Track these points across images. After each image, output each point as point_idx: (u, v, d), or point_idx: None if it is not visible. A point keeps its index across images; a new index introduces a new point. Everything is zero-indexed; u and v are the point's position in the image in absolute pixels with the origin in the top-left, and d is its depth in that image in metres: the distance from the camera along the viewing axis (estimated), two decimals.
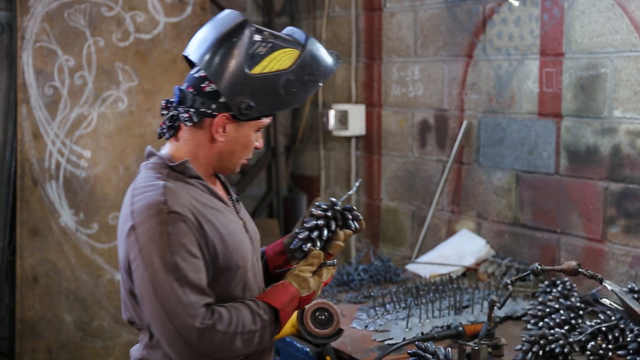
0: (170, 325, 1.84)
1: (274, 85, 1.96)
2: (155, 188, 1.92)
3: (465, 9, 3.78)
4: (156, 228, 1.86)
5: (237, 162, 2.06)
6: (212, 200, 2.00)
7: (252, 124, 2.01)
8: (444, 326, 2.87)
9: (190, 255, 1.87)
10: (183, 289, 1.84)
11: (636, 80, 3.07)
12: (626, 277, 3.15)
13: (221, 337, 1.86)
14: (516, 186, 3.61)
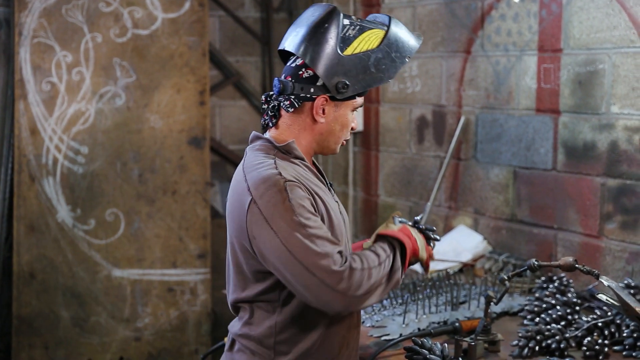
0: (314, 277, 1.95)
1: (365, 64, 2.10)
2: (267, 164, 2.07)
3: (464, 5, 3.79)
4: (277, 197, 1.99)
5: (337, 141, 2.20)
6: (315, 180, 2.15)
7: (348, 103, 2.15)
8: (441, 322, 2.87)
9: (312, 215, 2.00)
10: (315, 242, 1.96)
11: (634, 76, 3.08)
12: (622, 272, 3.15)
13: (359, 274, 1.97)
14: (513, 182, 3.61)
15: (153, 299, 4.15)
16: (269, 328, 2.10)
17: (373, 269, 2.00)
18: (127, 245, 4.12)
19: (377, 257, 2.04)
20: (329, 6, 2.15)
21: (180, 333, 4.20)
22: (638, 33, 3.05)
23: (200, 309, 4.20)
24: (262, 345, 2.11)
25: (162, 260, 4.14)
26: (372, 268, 2.00)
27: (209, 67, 4.21)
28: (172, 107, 4.14)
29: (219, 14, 4.82)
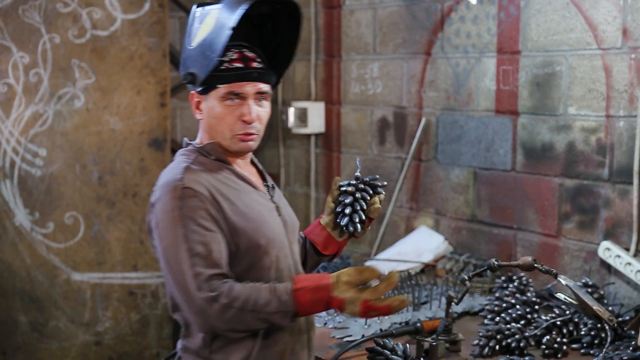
0: (183, 294, 1.96)
1: (204, 49, 2.08)
2: (178, 168, 2.07)
3: (424, 7, 3.81)
4: (169, 204, 1.99)
5: (224, 137, 2.12)
6: (236, 182, 2.11)
7: (212, 94, 2.11)
8: (403, 322, 2.88)
9: (202, 229, 1.97)
10: (191, 259, 1.94)
11: (590, 78, 3.13)
12: (580, 271, 3.20)
13: (227, 310, 1.92)
14: (474, 183, 3.65)
15: (114, 303, 4.10)
16: (202, 339, 2.07)
17: (250, 312, 1.93)
18: (86, 249, 4.07)
19: (267, 305, 1.94)
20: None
21: (142, 337, 4.16)
22: (594, 35, 3.10)
23: (162, 313, 4.17)
24: (199, 356, 2.09)
25: (122, 264, 4.10)
26: (250, 311, 1.93)
27: (169, 69, 4.18)
28: (132, 108, 4.10)
29: (179, 15, 4.79)
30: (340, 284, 1.96)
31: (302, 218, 4.64)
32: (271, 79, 2.17)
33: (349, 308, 1.96)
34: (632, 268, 2.98)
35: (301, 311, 1.98)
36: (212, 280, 1.94)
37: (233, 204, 2.05)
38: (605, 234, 3.12)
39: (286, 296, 1.96)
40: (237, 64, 2.09)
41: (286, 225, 2.20)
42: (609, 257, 3.06)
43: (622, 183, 3.05)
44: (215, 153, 2.13)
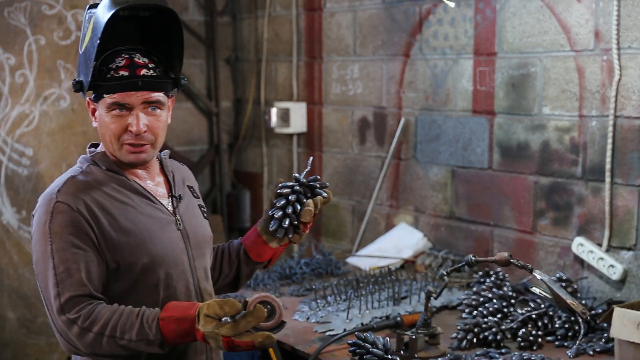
0: (49, 312, 1.89)
1: (85, 56, 1.94)
2: (61, 179, 1.94)
3: (403, 10, 3.83)
4: (42, 218, 1.89)
5: (113, 147, 1.97)
6: (125, 194, 1.96)
7: (100, 103, 1.94)
8: (383, 317, 2.90)
9: (70, 246, 1.85)
10: (55, 278, 1.84)
11: (564, 79, 3.16)
12: (555, 266, 3.23)
13: (87, 334, 1.82)
14: (452, 181, 3.67)
15: None
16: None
17: (112, 337, 1.81)
18: None
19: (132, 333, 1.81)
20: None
21: None
22: (567, 38, 3.13)
23: None
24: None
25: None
26: (112, 337, 1.81)
27: None
28: None
29: None
30: (201, 317, 1.80)
31: None
32: (164, 86, 1.99)
33: (211, 342, 1.81)
34: (605, 263, 3.01)
35: (170, 340, 1.82)
36: (74, 301, 1.82)
37: (114, 219, 1.90)
38: (579, 230, 3.15)
39: (151, 324, 1.82)
40: (122, 72, 1.92)
41: (187, 239, 2.03)
42: (582, 252, 3.09)
43: (594, 181, 3.08)
44: (106, 163, 1.98)
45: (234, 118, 5.04)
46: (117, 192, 1.95)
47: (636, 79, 2.91)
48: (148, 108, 1.96)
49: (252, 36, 4.81)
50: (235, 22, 4.95)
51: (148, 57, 1.97)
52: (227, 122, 5.01)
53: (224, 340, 1.79)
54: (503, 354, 2.56)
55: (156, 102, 1.97)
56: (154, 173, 2.07)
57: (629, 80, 2.94)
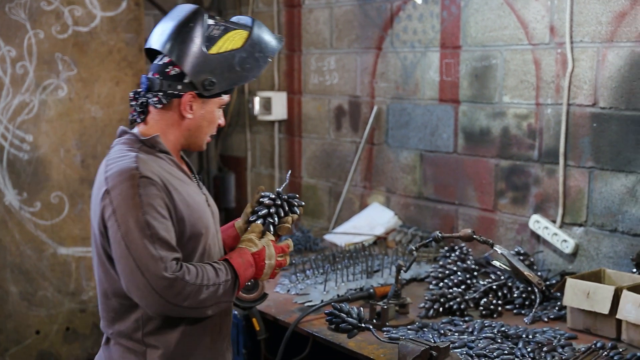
0: (143, 278, 1.84)
1: (230, 62, 1.99)
2: (128, 157, 1.93)
3: (375, 6, 3.81)
4: (129, 191, 1.87)
5: (204, 138, 2.07)
6: (179, 174, 2.01)
7: (214, 100, 2.03)
8: (357, 289, 2.90)
9: (159, 216, 1.87)
10: (154, 244, 1.84)
11: (522, 70, 3.16)
12: (513, 241, 3.25)
13: (189, 287, 1.86)
14: (420, 164, 3.67)
15: None
16: (135, 322, 1.96)
17: (207, 286, 1.89)
18: (71, 225, 4.02)
19: (216, 277, 1.93)
20: (194, 6, 2.03)
21: None
22: (525, 32, 3.13)
23: None
24: (131, 339, 1.97)
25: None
26: (206, 286, 1.89)
27: (145, 62, 4.13)
28: (112, 98, 4.04)
29: (154, 12, 4.72)
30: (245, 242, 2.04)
31: None
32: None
33: (268, 254, 2.03)
34: (558, 238, 3.03)
35: (240, 275, 1.97)
36: (173, 263, 1.86)
37: (180, 194, 1.95)
38: (535, 208, 3.16)
39: (223, 265, 1.96)
40: None
41: (213, 215, 2.11)
42: (538, 228, 3.11)
43: (549, 163, 3.10)
44: (159, 146, 2.00)
45: None
46: (173, 171, 1.99)
47: (587, 70, 2.92)
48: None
49: None
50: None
51: None
52: None
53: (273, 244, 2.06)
54: (466, 322, 2.57)
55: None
56: (180, 158, 2.14)
57: (581, 71, 2.94)
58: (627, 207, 2.83)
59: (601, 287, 2.45)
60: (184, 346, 1.99)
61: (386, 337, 2.41)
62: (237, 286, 1.97)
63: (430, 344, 2.04)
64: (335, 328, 2.50)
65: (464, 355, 2.23)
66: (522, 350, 2.28)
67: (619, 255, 2.86)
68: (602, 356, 2.27)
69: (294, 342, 2.63)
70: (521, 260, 2.83)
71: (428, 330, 2.47)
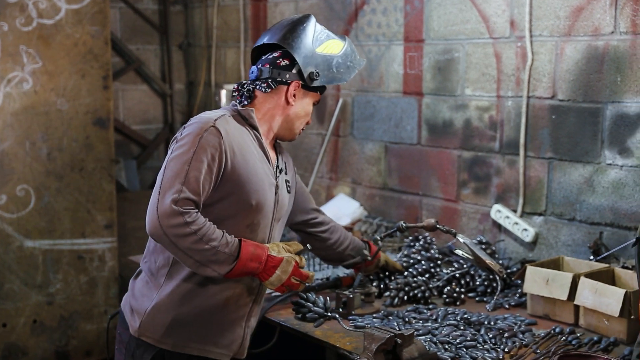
0: (157, 196, 1.98)
1: (330, 63, 2.23)
2: (216, 113, 2.13)
3: (340, 0, 3.80)
4: (196, 131, 2.04)
5: (298, 127, 2.28)
6: (256, 148, 2.16)
7: (312, 94, 2.26)
8: (324, 278, 2.90)
9: (206, 162, 2.01)
10: (183, 179, 1.97)
11: (483, 63, 3.18)
12: (476, 231, 3.28)
13: (187, 229, 1.95)
14: (385, 155, 3.68)
15: (64, 267, 4.01)
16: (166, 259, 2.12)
17: (203, 241, 1.98)
18: (37, 218, 3.96)
19: (219, 242, 2.01)
20: (305, 14, 2.29)
21: (90, 296, 4.09)
22: (486, 26, 3.15)
23: (108, 274, 4.10)
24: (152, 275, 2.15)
25: (71, 231, 4.00)
26: (203, 240, 1.98)
27: (111, 55, 4.07)
28: (78, 91, 3.98)
29: (119, 5, 4.66)
30: (275, 246, 2.13)
31: None
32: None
33: (284, 266, 2.09)
34: (519, 227, 3.07)
35: (242, 258, 2.03)
36: (189, 201, 1.97)
37: (245, 161, 2.09)
38: (497, 198, 3.20)
39: (233, 240, 2.03)
40: None
41: (277, 204, 2.22)
42: (500, 217, 3.14)
43: (510, 154, 3.13)
44: (251, 119, 2.18)
45: (186, 99, 4.97)
46: (251, 142, 2.15)
47: (546, 64, 2.95)
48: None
49: (203, 24, 4.73)
50: (187, 10, 4.86)
51: None
52: (180, 103, 4.93)
53: (295, 264, 2.12)
54: (430, 310, 2.59)
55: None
56: (272, 145, 2.30)
57: (540, 64, 2.98)
58: (584, 197, 2.88)
59: (560, 274, 2.49)
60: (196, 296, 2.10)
61: (352, 325, 2.42)
62: (233, 265, 2.02)
63: (395, 332, 2.05)
64: (302, 317, 2.50)
65: (428, 342, 2.25)
66: (484, 336, 2.31)
67: (577, 243, 2.91)
68: (560, 341, 2.30)
69: (261, 331, 2.63)
70: (483, 249, 2.86)
71: (393, 319, 2.49)
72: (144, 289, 2.16)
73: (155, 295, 2.12)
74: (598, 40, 2.77)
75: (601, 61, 2.77)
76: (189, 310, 2.11)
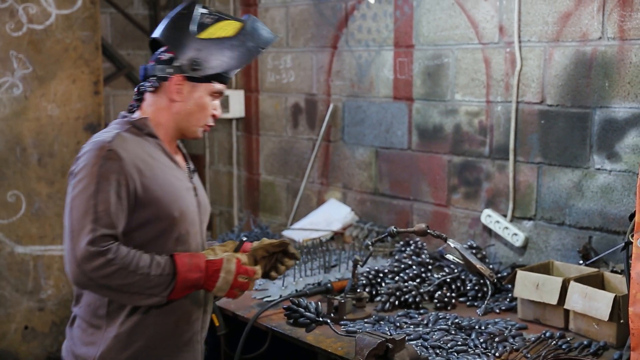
0: (70, 242, 1.86)
1: (220, 48, 2.04)
2: (110, 133, 1.97)
3: (330, 6, 3.81)
4: (92, 160, 1.90)
5: (196, 124, 2.08)
6: (161, 157, 2.03)
7: (204, 86, 2.05)
8: (315, 283, 2.90)
9: (112, 190, 1.88)
10: (92, 215, 1.85)
11: (472, 68, 3.19)
12: (466, 235, 3.28)
13: (111, 266, 1.84)
14: (375, 160, 3.68)
15: (55, 272, 3.99)
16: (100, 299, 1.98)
17: (132, 272, 1.86)
18: (28, 224, 3.93)
19: (149, 267, 1.89)
20: (191, 1, 2.12)
21: None
22: (475, 32, 3.16)
23: None
24: (94, 316, 2.00)
25: (62, 237, 3.98)
26: (131, 271, 1.86)
27: (102, 60, 4.05)
28: (68, 96, 3.96)
29: (110, 11, 4.65)
30: (210, 251, 2.02)
31: (226, 193, 4.61)
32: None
33: (227, 266, 1.96)
34: (509, 231, 3.08)
35: (180, 272, 1.91)
36: (105, 238, 1.86)
37: (154, 175, 1.96)
38: (487, 203, 3.20)
39: (165, 259, 1.92)
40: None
41: (200, 206, 2.11)
42: (490, 222, 3.15)
43: (500, 159, 3.14)
44: (147, 128, 2.03)
45: None
46: (155, 153, 2.01)
47: (535, 69, 2.96)
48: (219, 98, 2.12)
49: None
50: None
51: None
52: None
53: (237, 262, 1.98)
54: (422, 314, 2.60)
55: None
56: (176, 147, 2.15)
57: (529, 70, 2.99)
58: (573, 201, 2.89)
59: (550, 279, 2.49)
60: (144, 328, 1.97)
61: (343, 330, 2.42)
62: (173, 284, 1.91)
63: (386, 337, 2.05)
64: (293, 322, 2.49)
65: (419, 347, 2.25)
66: (475, 341, 2.31)
67: (566, 247, 2.92)
68: (551, 345, 2.31)
69: (253, 337, 2.62)
70: (474, 254, 2.86)
71: (384, 323, 2.49)
72: (84, 336, 2.01)
73: (100, 341, 1.97)
74: (586, 45, 2.79)
75: (589, 66, 2.78)
76: (141, 346, 1.98)
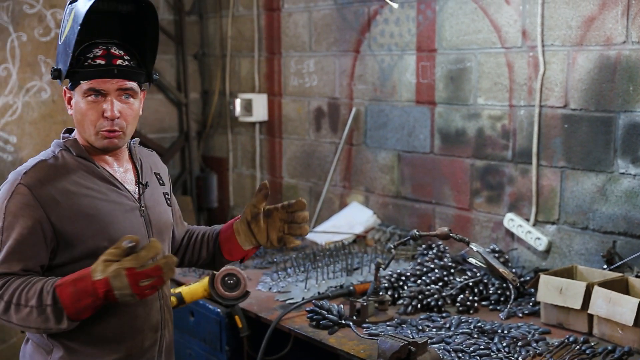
0: None
1: (65, 45, 1.86)
2: (31, 162, 1.87)
3: (353, 10, 3.81)
4: (4, 194, 1.81)
5: (89, 133, 1.87)
6: (92, 181, 1.87)
7: (77, 90, 1.87)
8: (338, 286, 2.90)
9: (20, 227, 1.77)
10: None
11: (495, 72, 3.18)
12: (489, 239, 3.27)
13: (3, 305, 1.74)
14: (398, 164, 3.68)
15: None
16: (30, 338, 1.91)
17: (16, 305, 1.73)
18: None
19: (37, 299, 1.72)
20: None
21: None
22: (498, 36, 3.15)
23: None
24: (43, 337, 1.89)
25: None
26: (16, 305, 1.73)
27: None
28: None
29: None
30: (98, 265, 1.68)
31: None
32: (138, 76, 1.92)
33: (116, 283, 1.65)
34: (532, 236, 3.06)
35: (67, 305, 1.70)
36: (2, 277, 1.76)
37: (77, 205, 1.81)
38: (510, 207, 3.18)
39: (50, 289, 1.72)
40: (99, 61, 1.85)
41: (149, 225, 1.94)
42: (513, 226, 3.13)
43: (523, 163, 3.12)
44: (77, 149, 1.88)
45: (201, 108, 4.98)
46: (84, 179, 1.86)
47: (558, 73, 2.95)
48: (122, 96, 1.88)
49: (218, 34, 4.75)
50: (202, 20, 4.88)
51: (124, 50, 1.90)
52: (195, 112, 4.95)
53: (128, 273, 1.64)
54: (444, 318, 2.59)
55: (130, 89, 1.89)
56: (123, 160, 1.98)
57: (552, 74, 2.97)
58: (597, 206, 2.86)
59: (573, 283, 2.47)
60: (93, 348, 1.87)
61: (366, 333, 2.42)
62: (62, 314, 1.72)
63: (408, 340, 2.04)
64: (316, 325, 2.50)
65: (442, 351, 2.24)
66: (497, 345, 2.30)
67: (590, 252, 2.89)
68: (574, 350, 2.29)
69: (276, 339, 2.63)
70: (496, 258, 2.85)
71: (407, 327, 2.48)
72: (36, 355, 1.91)
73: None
74: (610, 49, 2.76)
75: (613, 71, 2.76)
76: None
